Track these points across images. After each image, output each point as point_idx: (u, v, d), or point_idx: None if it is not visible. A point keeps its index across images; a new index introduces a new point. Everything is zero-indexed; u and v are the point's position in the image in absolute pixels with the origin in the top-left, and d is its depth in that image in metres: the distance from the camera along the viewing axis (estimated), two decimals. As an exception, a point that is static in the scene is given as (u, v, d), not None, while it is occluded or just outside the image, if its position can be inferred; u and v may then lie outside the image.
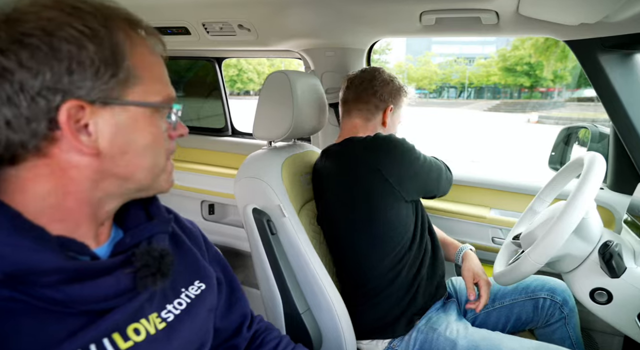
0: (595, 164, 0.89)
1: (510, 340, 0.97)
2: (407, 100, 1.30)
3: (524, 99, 36.14)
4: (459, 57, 43.54)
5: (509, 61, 35.34)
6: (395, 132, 1.28)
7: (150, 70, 0.52)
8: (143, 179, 0.54)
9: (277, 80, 1.17)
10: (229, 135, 2.13)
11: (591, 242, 0.92)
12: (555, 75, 31.80)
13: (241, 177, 1.14)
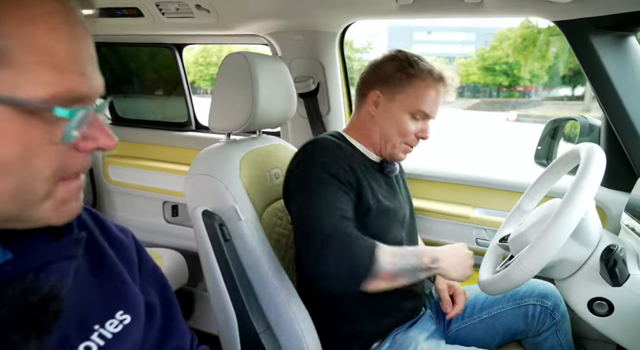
0: (594, 156, 0.78)
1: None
2: (428, 85, 1.00)
3: (502, 97, 36.89)
4: (439, 56, 44.08)
5: (487, 61, 36.04)
6: (405, 133, 1.01)
7: (40, 51, 0.35)
8: (5, 208, 0.37)
9: (234, 63, 1.02)
10: (192, 129, 1.96)
11: (590, 245, 0.82)
12: (533, 75, 32.55)
13: (192, 174, 1.00)
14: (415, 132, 1.01)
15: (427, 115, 1.01)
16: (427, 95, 0.99)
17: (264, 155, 1.12)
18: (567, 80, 28.21)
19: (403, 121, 1.00)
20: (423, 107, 0.99)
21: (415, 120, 1.01)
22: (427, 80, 0.99)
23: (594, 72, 1.12)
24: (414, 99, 0.99)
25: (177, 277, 1.64)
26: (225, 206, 0.95)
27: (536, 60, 28.24)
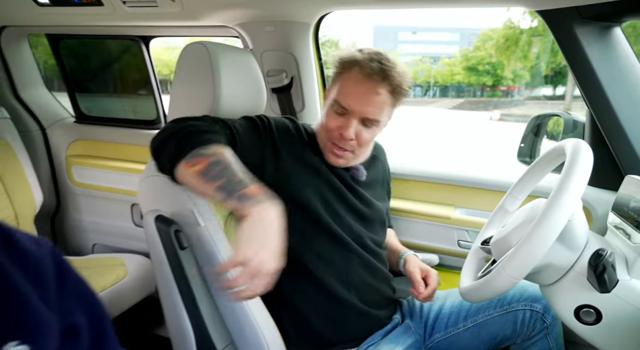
0: (580, 152, 0.72)
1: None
2: (351, 75, 0.91)
3: (486, 97, 37.46)
4: (424, 56, 44.48)
5: (471, 61, 36.55)
6: (325, 127, 0.96)
7: None
8: None
9: (193, 53, 0.94)
10: (161, 127, 1.86)
11: (576, 249, 0.76)
12: (515, 75, 33.10)
13: (147, 175, 0.91)
14: (336, 128, 0.93)
15: (345, 108, 0.91)
16: (347, 86, 0.91)
17: None
18: (549, 80, 28.74)
19: (327, 114, 0.95)
20: (339, 97, 0.91)
21: (336, 114, 0.93)
22: (352, 70, 0.91)
23: (578, 64, 1.06)
24: (337, 90, 0.93)
25: (145, 284, 1.54)
26: (183, 210, 0.86)
27: (518, 60, 28.65)
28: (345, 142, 0.93)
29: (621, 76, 1.05)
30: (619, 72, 1.05)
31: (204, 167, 0.74)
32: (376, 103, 0.91)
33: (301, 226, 0.91)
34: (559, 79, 25.66)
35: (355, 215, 1.00)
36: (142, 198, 0.91)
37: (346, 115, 0.92)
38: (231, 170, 0.74)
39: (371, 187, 1.08)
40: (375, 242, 1.03)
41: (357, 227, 0.99)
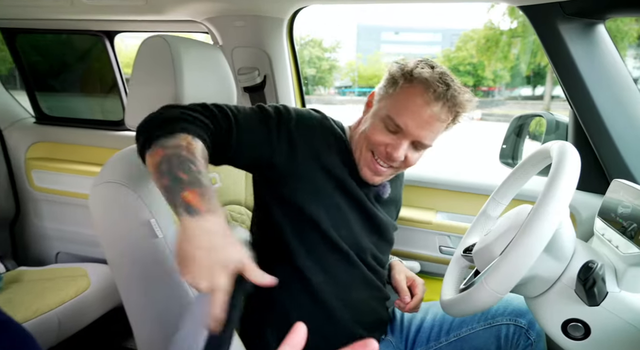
0: (567, 156, 0.67)
1: None
2: (416, 94, 0.81)
3: (468, 97, 37.97)
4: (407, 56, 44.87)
5: (453, 61, 37.06)
6: (370, 139, 0.86)
7: None
8: None
9: (153, 48, 0.86)
10: (128, 129, 1.76)
11: (563, 260, 0.72)
12: (496, 75, 33.70)
13: (98, 182, 0.82)
14: (384, 144, 0.84)
15: (399, 126, 0.82)
16: (407, 104, 0.81)
17: None
18: (529, 80, 29.34)
19: (374, 126, 0.85)
20: (395, 114, 0.81)
21: (388, 130, 0.83)
22: (416, 86, 0.81)
23: (561, 62, 1.02)
24: (393, 104, 0.83)
25: (110, 294, 1.44)
26: (138, 222, 0.78)
27: (499, 61, 29.19)
28: (392, 162, 0.85)
29: (605, 75, 1.02)
30: (603, 70, 1.02)
31: (159, 160, 0.65)
32: (435, 128, 0.83)
33: (310, 239, 0.84)
34: (538, 79, 26.23)
35: (369, 233, 0.94)
36: (93, 209, 0.82)
37: (399, 134, 0.83)
38: (185, 166, 0.63)
39: (389, 205, 1.02)
40: (380, 262, 0.97)
41: (367, 244, 0.92)
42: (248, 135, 0.80)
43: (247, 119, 0.81)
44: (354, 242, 0.89)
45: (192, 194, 0.60)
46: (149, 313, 0.83)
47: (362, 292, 0.91)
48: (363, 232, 0.91)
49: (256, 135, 0.81)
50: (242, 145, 0.79)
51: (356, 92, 48.34)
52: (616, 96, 1.02)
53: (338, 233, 0.86)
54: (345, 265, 0.88)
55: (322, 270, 0.85)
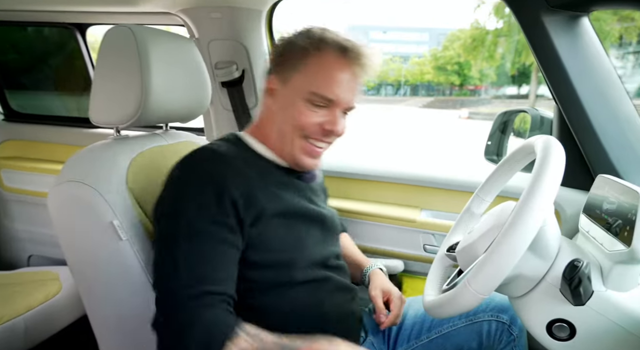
0: (552, 150, 0.65)
1: None
2: (331, 61, 0.76)
3: (455, 96, 38.51)
4: (394, 55, 45.11)
5: (440, 60, 37.47)
6: (301, 124, 0.79)
7: None
8: None
9: (117, 39, 0.81)
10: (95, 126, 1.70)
11: (548, 258, 0.69)
12: (482, 74, 34.13)
13: (58, 182, 0.77)
14: (318, 124, 0.78)
15: (331, 100, 0.77)
16: (325, 74, 0.76)
17: (167, 155, 0.92)
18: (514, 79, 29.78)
19: (297, 109, 0.77)
20: (319, 88, 0.75)
21: (317, 107, 0.77)
22: (328, 54, 0.76)
23: (545, 56, 1.00)
24: (310, 78, 0.76)
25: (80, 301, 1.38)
26: (100, 223, 0.73)
27: (485, 60, 29.55)
28: (331, 138, 0.81)
29: (589, 69, 1.00)
30: (588, 64, 1.00)
31: None
32: (357, 88, 0.80)
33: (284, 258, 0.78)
34: (523, 78, 26.67)
35: (323, 229, 0.88)
36: (54, 208, 0.77)
37: (330, 107, 0.78)
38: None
39: (321, 192, 0.97)
40: (339, 256, 0.94)
41: (325, 244, 0.88)
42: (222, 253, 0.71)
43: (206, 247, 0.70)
44: (317, 256, 0.84)
45: None
46: (113, 321, 0.79)
47: (337, 298, 0.87)
48: (320, 232, 0.87)
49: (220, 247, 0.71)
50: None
51: (344, 91, 48.56)
52: (600, 90, 1.00)
53: (300, 257, 0.80)
54: (315, 284, 0.83)
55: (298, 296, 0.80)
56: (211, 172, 0.71)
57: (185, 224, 0.68)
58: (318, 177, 0.92)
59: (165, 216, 0.71)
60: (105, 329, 0.80)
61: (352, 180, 1.37)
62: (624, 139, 1.00)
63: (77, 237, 0.76)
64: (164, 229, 0.70)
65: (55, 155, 1.66)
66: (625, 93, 1.03)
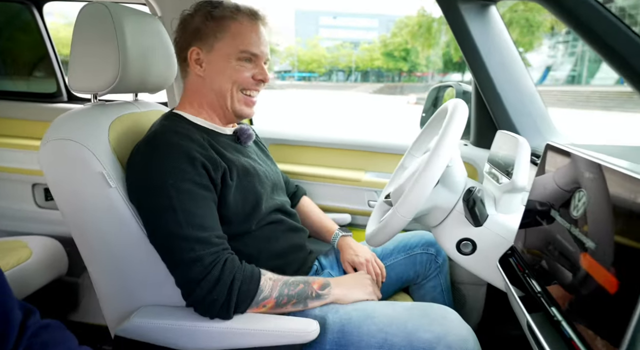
0: (457, 109, 0.83)
1: (382, 306, 0.90)
2: (243, 23, 0.93)
3: (403, 82, 39.36)
4: (345, 41, 45.20)
5: (389, 47, 38.08)
6: (239, 79, 0.94)
7: None
8: None
9: (94, 14, 0.90)
10: (64, 101, 1.72)
11: (456, 191, 0.88)
12: (428, 61, 35.16)
13: (47, 140, 0.86)
14: (251, 76, 0.95)
15: (255, 55, 0.94)
16: (246, 35, 0.93)
17: (140, 121, 1.02)
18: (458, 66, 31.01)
19: (232, 68, 0.93)
20: (247, 46, 0.92)
21: (246, 62, 0.94)
22: (239, 19, 0.93)
23: (463, 38, 1.20)
24: (234, 41, 0.92)
25: (52, 266, 1.45)
26: (90, 174, 0.84)
27: (431, 48, 30.45)
28: (260, 86, 0.98)
29: (497, 48, 1.22)
30: (495, 45, 1.21)
31: (274, 304, 0.85)
32: (267, 41, 0.98)
33: (247, 209, 0.94)
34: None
35: (270, 183, 1.04)
36: (44, 165, 0.86)
37: (256, 60, 0.95)
38: (290, 287, 0.86)
39: (262, 149, 1.15)
40: (288, 203, 1.10)
41: (274, 195, 1.04)
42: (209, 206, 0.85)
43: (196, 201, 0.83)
44: (270, 205, 1.00)
45: (316, 284, 0.90)
46: (107, 263, 0.88)
47: (292, 238, 1.04)
48: (271, 194, 1.02)
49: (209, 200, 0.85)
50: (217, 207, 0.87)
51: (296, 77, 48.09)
52: (505, 66, 1.23)
53: (257, 208, 0.96)
54: (271, 225, 1.00)
55: (257, 238, 0.96)
56: (177, 143, 0.83)
57: (173, 189, 0.79)
58: (252, 138, 1.05)
59: (148, 190, 0.81)
60: (100, 271, 0.90)
61: (307, 147, 1.54)
62: (522, 105, 1.24)
63: (69, 188, 0.85)
64: (153, 203, 0.81)
65: (12, 130, 1.67)
66: (525, 68, 1.26)
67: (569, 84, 28.58)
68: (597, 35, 0.98)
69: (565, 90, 25.45)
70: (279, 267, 0.96)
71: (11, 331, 0.52)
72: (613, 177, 0.45)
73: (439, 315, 0.84)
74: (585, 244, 0.48)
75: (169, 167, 0.81)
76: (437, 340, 0.77)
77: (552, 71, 30.30)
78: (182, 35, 0.96)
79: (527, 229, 0.70)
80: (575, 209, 0.53)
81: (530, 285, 0.62)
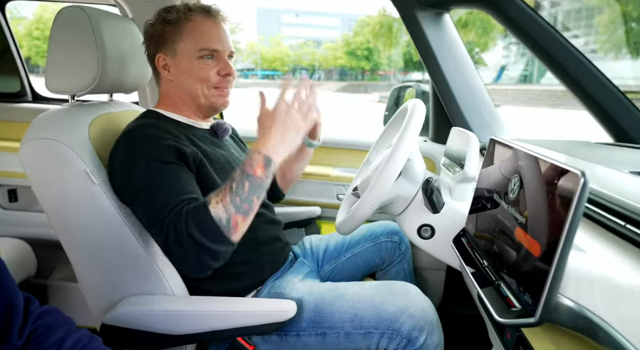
0: (416, 108, 0.92)
1: (352, 286, 0.99)
2: (197, 21, 0.97)
3: (366, 80, 39.88)
4: (307, 40, 45.22)
5: (352, 46, 38.48)
6: (204, 78, 0.98)
7: None
8: None
9: (72, 18, 0.93)
10: (28, 101, 1.69)
11: (416, 182, 0.97)
12: (390, 60, 35.85)
13: (28, 139, 0.88)
14: (216, 72, 0.98)
15: (215, 50, 0.97)
16: (203, 32, 0.96)
17: (117, 121, 1.05)
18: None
19: (197, 67, 0.97)
20: (205, 44, 0.96)
21: (208, 60, 0.97)
22: (193, 17, 0.97)
23: (421, 43, 1.31)
24: (192, 41, 0.96)
25: (21, 267, 1.44)
26: (73, 172, 0.87)
27: (392, 47, 31.07)
28: (229, 79, 1.00)
29: (450, 52, 1.34)
30: (449, 48, 1.33)
31: (242, 217, 0.78)
32: (229, 36, 1.01)
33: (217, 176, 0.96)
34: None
35: None
36: (27, 164, 0.88)
37: (217, 56, 0.98)
38: (239, 192, 0.77)
39: (237, 146, 1.18)
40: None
41: None
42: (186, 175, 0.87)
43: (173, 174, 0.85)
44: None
45: (259, 170, 0.80)
46: (92, 255, 0.91)
47: (269, 230, 1.09)
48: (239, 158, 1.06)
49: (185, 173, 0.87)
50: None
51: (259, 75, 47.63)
52: (458, 68, 1.35)
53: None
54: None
55: None
56: (152, 134, 0.88)
57: (150, 171, 0.82)
58: (229, 132, 1.10)
59: (128, 177, 0.84)
60: (85, 265, 0.92)
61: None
62: (474, 104, 1.36)
63: (53, 186, 0.87)
64: (134, 187, 0.84)
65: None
66: (475, 70, 1.39)
67: (522, 83, 30.10)
68: (536, 42, 1.12)
69: (519, 89, 26.82)
70: (258, 258, 1.03)
71: (16, 316, 0.57)
72: (538, 165, 0.56)
73: (402, 291, 0.93)
74: (518, 219, 0.58)
75: (145, 154, 0.85)
76: (400, 311, 0.87)
77: (506, 70, 31.76)
78: (148, 44, 1.01)
79: (477, 214, 0.81)
80: (511, 192, 0.63)
81: (479, 260, 0.72)
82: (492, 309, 0.56)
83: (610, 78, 1.11)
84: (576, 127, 8.12)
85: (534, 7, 1.34)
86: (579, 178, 0.45)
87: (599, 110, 1.13)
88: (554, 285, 0.47)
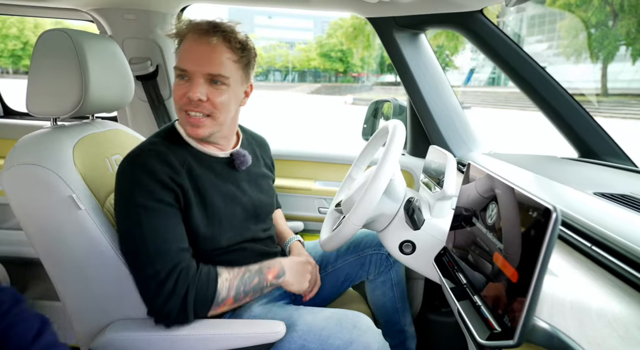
0: (396, 130, 0.96)
1: (307, 313, 0.98)
2: (181, 39, 0.93)
3: (340, 82, 40.13)
4: (280, 41, 45.11)
5: (325, 48, 38.65)
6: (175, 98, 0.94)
7: None
8: None
9: (54, 41, 0.92)
10: (0, 116, 1.64)
11: (398, 200, 1.00)
12: (363, 62, 36.23)
13: (11, 165, 0.87)
14: (183, 94, 0.90)
15: (185, 70, 0.89)
16: (184, 51, 0.91)
17: (101, 142, 1.05)
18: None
19: (174, 88, 0.93)
20: (179, 62, 0.91)
21: (181, 80, 0.91)
22: (188, 35, 0.91)
23: (398, 61, 1.37)
24: (177, 59, 0.93)
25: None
26: (59, 198, 0.86)
27: (365, 49, 31.41)
28: (196, 105, 0.90)
29: (427, 70, 1.39)
30: (425, 67, 1.39)
31: (232, 302, 0.91)
32: (217, 57, 0.89)
33: (211, 230, 0.96)
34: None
35: (246, 211, 1.05)
36: (9, 191, 0.87)
37: (189, 77, 0.89)
38: (246, 282, 0.92)
39: (261, 178, 1.14)
40: (265, 230, 1.12)
41: (248, 223, 1.05)
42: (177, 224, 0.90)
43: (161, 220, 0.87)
44: (237, 232, 1.01)
45: (271, 274, 0.96)
46: (77, 280, 0.90)
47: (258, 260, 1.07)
48: (244, 222, 1.03)
49: (175, 218, 0.90)
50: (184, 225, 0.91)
51: (233, 77, 47.07)
52: (434, 86, 1.41)
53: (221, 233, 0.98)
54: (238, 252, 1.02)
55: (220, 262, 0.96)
56: (151, 166, 0.87)
57: (141, 208, 0.85)
58: (247, 164, 1.05)
59: (121, 206, 0.87)
60: (70, 290, 0.91)
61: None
62: (450, 121, 1.42)
63: (37, 212, 0.86)
64: (124, 218, 0.87)
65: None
66: (451, 88, 1.45)
67: (490, 85, 31.03)
68: (505, 61, 1.19)
69: (488, 91, 27.61)
70: None
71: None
72: (514, 195, 0.61)
73: (350, 324, 0.93)
74: (497, 245, 0.63)
75: (140, 187, 0.85)
76: (345, 345, 0.89)
77: (475, 73, 32.67)
78: None
79: (455, 231, 0.85)
80: (489, 218, 0.68)
81: (458, 278, 0.76)
82: (473, 330, 0.61)
83: (573, 81, 1.20)
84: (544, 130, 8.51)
85: (499, 12, 1.41)
86: (551, 213, 0.50)
87: (565, 127, 1.21)
88: (531, 310, 0.51)
